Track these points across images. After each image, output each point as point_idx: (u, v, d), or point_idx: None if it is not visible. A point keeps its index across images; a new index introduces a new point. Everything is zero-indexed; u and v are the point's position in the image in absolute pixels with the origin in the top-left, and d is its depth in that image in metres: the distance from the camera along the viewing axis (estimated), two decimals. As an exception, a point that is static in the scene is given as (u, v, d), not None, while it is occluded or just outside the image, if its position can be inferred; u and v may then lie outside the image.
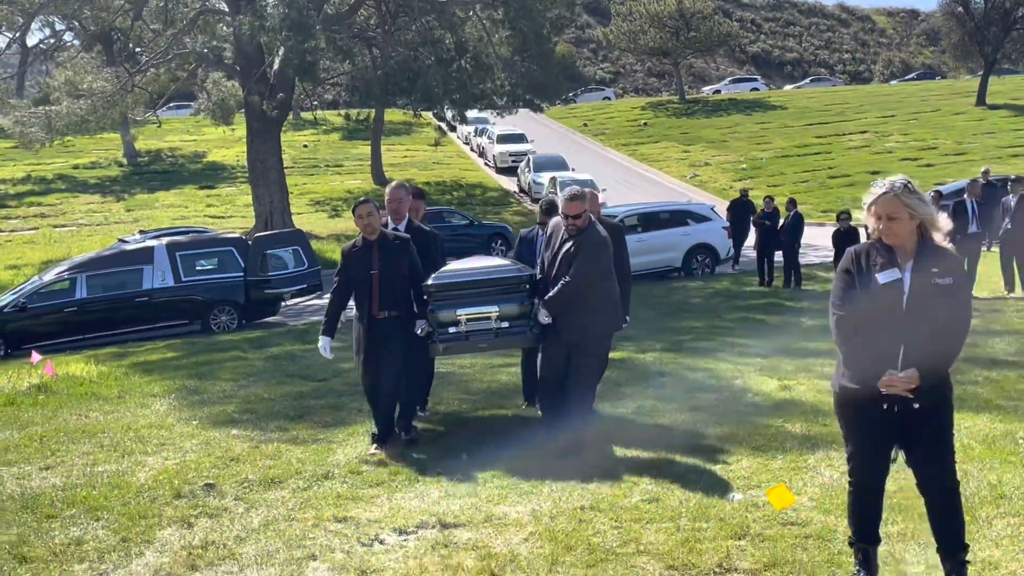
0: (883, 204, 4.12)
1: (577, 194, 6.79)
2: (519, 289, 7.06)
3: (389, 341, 6.88)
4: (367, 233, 6.98)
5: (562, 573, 4.38)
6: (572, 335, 6.79)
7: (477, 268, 7.23)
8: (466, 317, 6.95)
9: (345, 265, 7.05)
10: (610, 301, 6.95)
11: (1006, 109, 50.32)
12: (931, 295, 4.00)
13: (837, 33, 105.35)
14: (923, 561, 4.45)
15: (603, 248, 6.84)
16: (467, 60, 28.36)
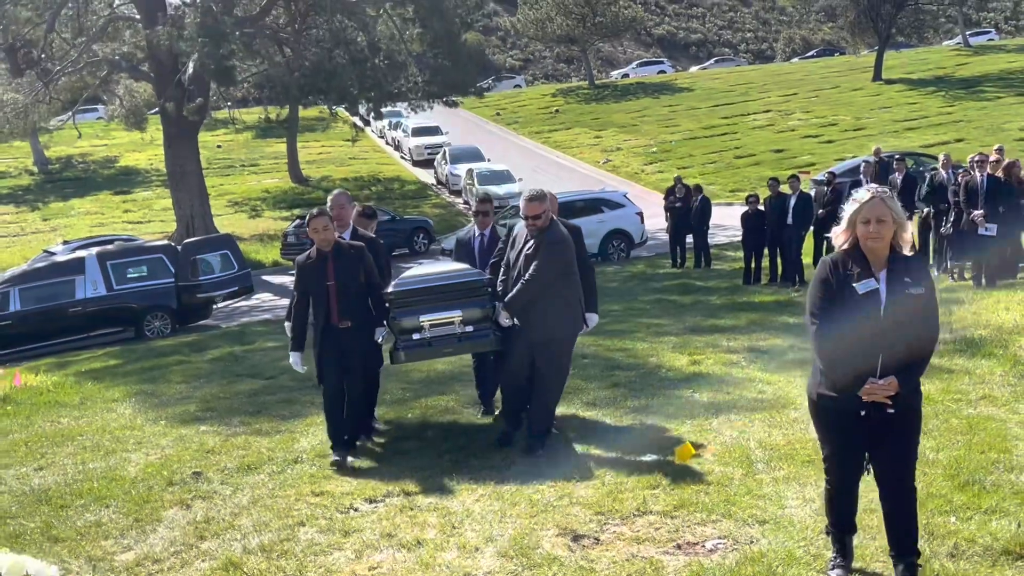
0: (872, 208, 4.20)
1: (536, 195, 6.81)
2: (481, 292, 7.04)
3: (350, 350, 6.90)
4: (321, 245, 6.93)
5: (510, 523, 5.28)
6: (535, 335, 6.76)
7: (438, 273, 7.20)
8: (429, 323, 6.92)
9: (301, 277, 7.04)
10: (573, 301, 6.90)
11: (901, 83, 52.42)
12: (906, 304, 4.13)
13: (739, 13, 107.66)
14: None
15: (563, 247, 6.81)
16: (381, 59, 29.00)
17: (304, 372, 7.25)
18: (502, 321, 6.94)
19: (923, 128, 40.59)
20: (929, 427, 6.63)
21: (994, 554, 4.47)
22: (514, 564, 4.72)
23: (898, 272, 4.21)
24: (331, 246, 6.95)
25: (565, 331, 6.91)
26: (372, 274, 7.10)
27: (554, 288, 6.73)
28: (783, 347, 10.54)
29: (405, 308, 6.99)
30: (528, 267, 6.76)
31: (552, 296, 6.73)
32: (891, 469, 4.32)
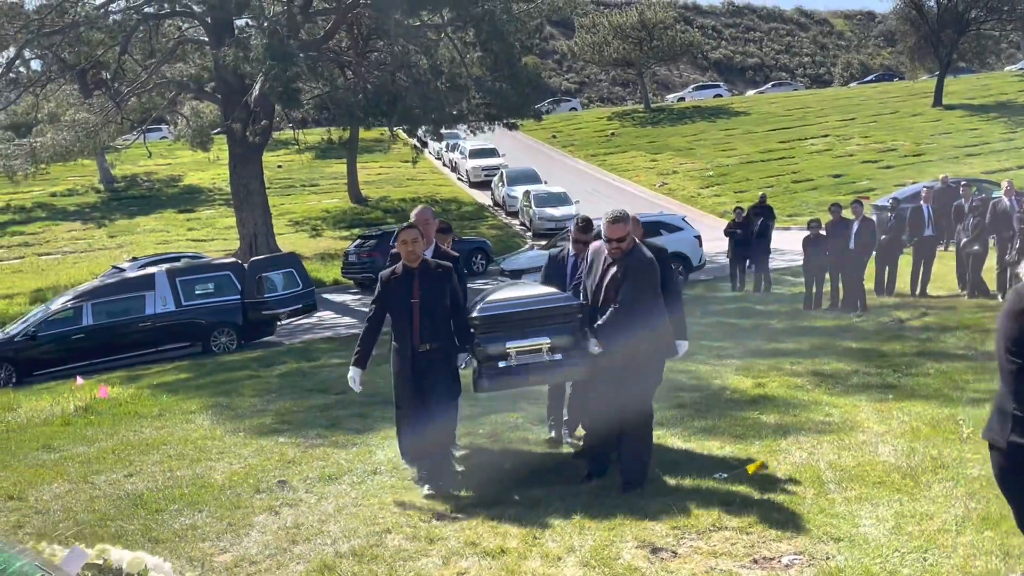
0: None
1: (620, 216, 6.45)
2: (571, 318, 6.64)
3: (433, 374, 6.54)
4: (409, 260, 6.58)
5: (589, 535, 5.44)
6: (626, 362, 6.39)
7: (525, 297, 6.81)
8: (516, 350, 6.53)
9: (383, 294, 6.69)
10: (660, 326, 6.55)
11: (961, 109, 51.92)
12: None
13: (796, 37, 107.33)
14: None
15: (651, 270, 6.47)
16: (443, 81, 29.42)
17: (360, 391, 6.92)
18: (591, 349, 6.52)
19: (985, 154, 40.16)
20: (999, 452, 6.70)
21: (1070, 575, 4.55)
22: (596, 573, 4.88)
23: None
24: (419, 262, 6.61)
25: (656, 359, 6.62)
26: (458, 296, 6.80)
27: (643, 314, 6.41)
28: (847, 371, 10.60)
29: (490, 334, 6.60)
30: (616, 292, 6.41)
31: (642, 323, 6.39)
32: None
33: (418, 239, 6.65)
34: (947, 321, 14.00)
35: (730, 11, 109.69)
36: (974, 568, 4.68)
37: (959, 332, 12.94)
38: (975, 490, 5.86)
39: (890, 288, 17.42)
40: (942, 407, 8.37)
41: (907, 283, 17.35)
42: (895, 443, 7.15)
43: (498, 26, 28.73)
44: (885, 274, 17.53)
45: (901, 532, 5.26)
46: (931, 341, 12.42)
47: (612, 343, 6.41)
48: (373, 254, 27.23)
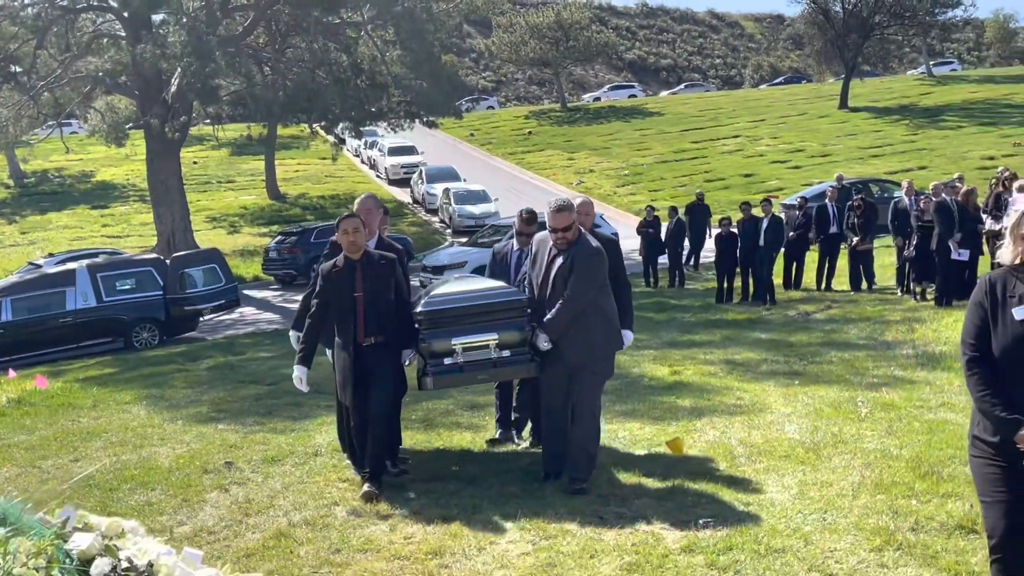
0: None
1: (564, 205, 6.28)
2: (519, 313, 6.42)
3: (378, 369, 6.32)
4: (351, 251, 6.31)
5: (525, 502, 5.90)
6: (577, 356, 6.25)
7: (472, 291, 6.56)
8: (462, 346, 6.30)
9: (324, 287, 6.36)
10: (611, 318, 6.40)
11: (866, 111, 53.66)
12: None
13: (708, 39, 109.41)
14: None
15: (598, 261, 6.28)
16: (363, 79, 29.66)
17: (307, 390, 6.64)
18: (540, 345, 6.30)
19: (887, 155, 41.66)
20: (894, 428, 7.36)
21: (949, 528, 5.14)
22: (532, 535, 5.34)
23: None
24: (361, 253, 6.34)
25: (607, 351, 6.44)
26: (402, 289, 6.55)
27: (595, 305, 6.25)
28: (757, 360, 11.25)
29: (436, 329, 6.35)
30: (563, 285, 6.21)
31: (592, 314, 6.24)
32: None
33: (359, 229, 6.35)
34: (850, 313, 14.82)
35: (644, 12, 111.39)
36: (867, 525, 5.24)
37: (861, 323, 13.73)
38: (870, 461, 6.47)
39: (797, 283, 18.24)
40: (843, 391, 9.02)
41: (813, 278, 18.19)
42: (800, 422, 7.75)
43: (418, 25, 29.08)
44: (793, 269, 18.35)
45: (804, 497, 5.83)
46: (835, 332, 13.18)
47: (561, 338, 6.24)
48: (294, 250, 27.37)
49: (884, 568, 4.71)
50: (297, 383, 6.52)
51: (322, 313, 6.43)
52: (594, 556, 4.99)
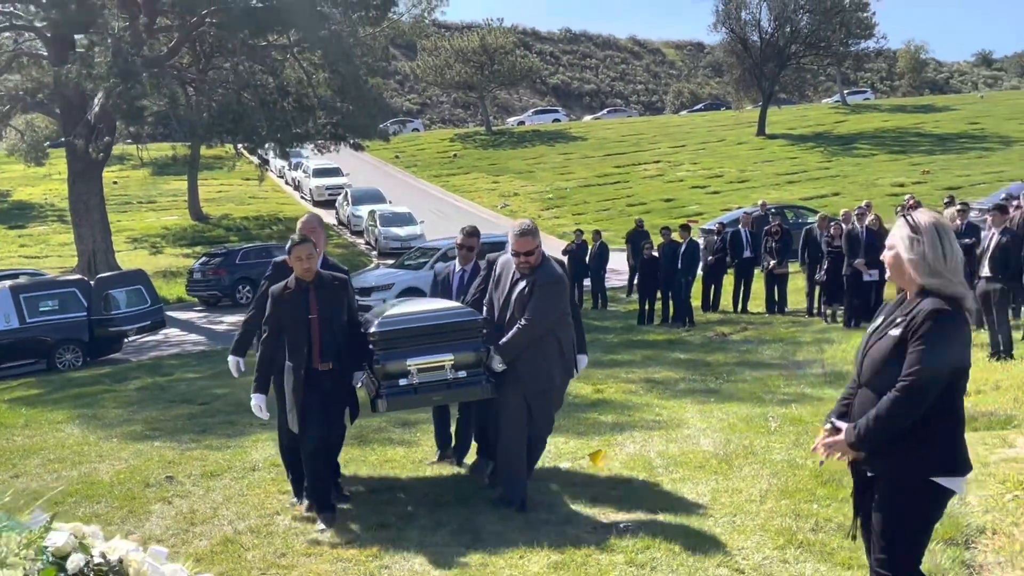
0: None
1: (528, 229, 6.26)
2: (476, 334, 6.36)
3: (334, 395, 6.26)
4: (304, 275, 6.22)
5: (458, 510, 6.26)
6: (532, 383, 6.28)
7: (428, 312, 6.52)
8: (417, 367, 6.22)
9: (276, 311, 6.26)
10: (567, 346, 6.45)
11: (783, 139, 55.23)
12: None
13: (631, 65, 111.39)
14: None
15: (559, 289, 6.33)
16: (289, 102, 29.82)
17: (267, 418, 6.52)
18: (495, 367, 6.29)
19: (803, 182, 43.02)
20: (800, 441, 7.87)
21: (845, 528, 5.61)
22: (465, 539, 5.71)
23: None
24: (313, 276, 6.27)
25: (561, 378, 6.48)
26: (354, 310, 6.53)
27: (552, 332, 6.29)
28: (676, 379, 11.77)
29: (390, 350, 6.25)
30: (522, 309, 6.23)
31: (550, 341, 6.28)
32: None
33: (313, 255, 6.26)
34: (764, 335, 15.47)
35: (567, 38, 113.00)
36: (771, 526, 5.72)
37: (774, 344, 14.38)
38: (777, 471, 6.96)
39: (715, 305, 18.91)
40: (755, 407, 9.55)
41: (730, 301, 18.87)
42: (714, 436, 8.24)
43: (345, 48, 29.38)
44: (711, 292, 19.02)
45: (716, 503, 6.29)
46: (749, 352, 13.78)
47: (519, 362, 6.24)
48: (219, 272, 27.41)
49: (786, 563, 5.18)
50: (257, 411, 6.39)
51: (276, 338, 6.30)
52: (523, 557, 5.37)
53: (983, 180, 38.20)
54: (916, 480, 3.67)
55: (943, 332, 3.57)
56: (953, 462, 3.69)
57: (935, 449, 3.67)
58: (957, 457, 3.70)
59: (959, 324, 3.63)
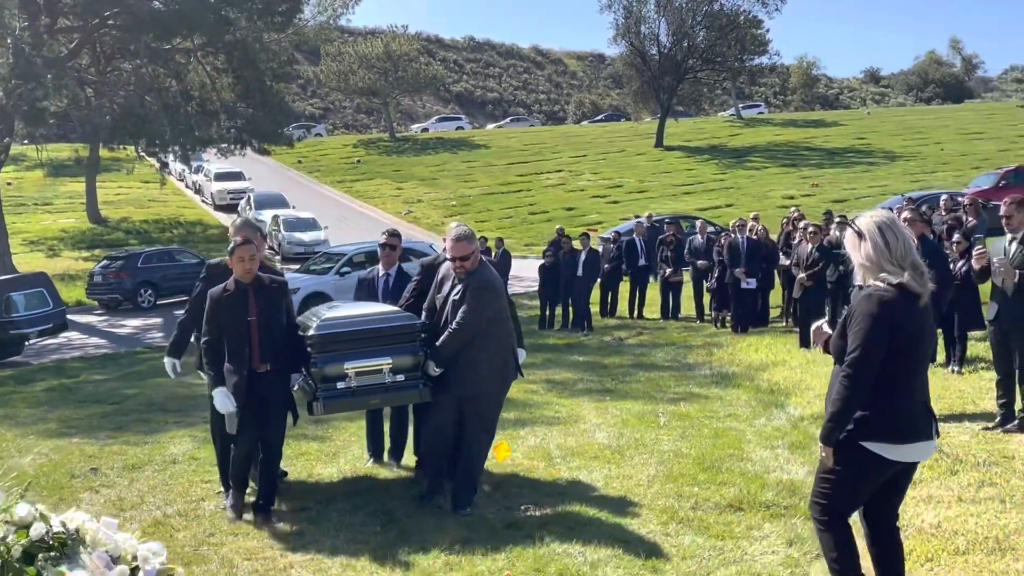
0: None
1: (464, 235, 6.41)
2: (414, 338, 6.49)
3: (273, 397, 6.34)
4: (244, 277, 6.27)
5: (380, 496, 6.78)
6: (464, 388, 6.39)
7: (366, 315, 6.58)
8: (355, 371, 6.30)
9: (216, 312, 6.30)
10: (504, 350, 6.55)
11: (680, 151, 56.74)
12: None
13: (533, 75, 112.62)
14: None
15: (492, 292, 6.44)
16: (193, 106, 29.84)
17: (235, 410, 6.33)
18: (430, 371, 6.43)
19: (699, 192, 44.38)
20: (687, 434, 8.58)
21: (721, 507, 6.32)
22: (381, 519, 6.24)
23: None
24: (252, 278, 6.34)
25: (496, 383, 6.57)
26: (292, 313, 6.66)
27: (484, 337, 6.38)
28: (574, 379, 12.43)
29: (328, 353, 6.34)
30: (456, 313, 6.36)
31: (483, 346, 6.37)
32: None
33: (255, 255, 6.36)
34: (658, 339, 16.27)
35: (471, 46, 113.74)
36: (656, 506, 6.38)
37: (667, 348, 15.15)
38: (664, 459, 7.64)
39: (612, 311, 19.70)
40: (647, 405, 10.25)
41: (627, 307, 19.67)
42: (608, 430, 8.90)
43: (250, 54, 29.55)
44: (608, 298, 19.80)
45: (608, 487, 6.93)
46: (644, 355, 14.53)
47: (452, 366, 6.38)
48: (120, 275, 27.26)
49: (667, 536, 5.83)
50: (223, 408, 6.32)
51: (218, 338, 6.33)
52: (436, 532, 5.93)
53: (868, 194, 39.91)
54: (851, 444, 4.15)
55: (870, 313, 4.05)
56: (887, 431, 4.15)
57: (872, 417, 4.13)
58: (894, 427, 4.14)
59: (890, 305, 4.07)
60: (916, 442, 4.18)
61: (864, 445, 4.13)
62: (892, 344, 4.06)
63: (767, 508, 6.25)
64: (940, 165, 47.52)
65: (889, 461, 4.15)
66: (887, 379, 4.11)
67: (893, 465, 4.19)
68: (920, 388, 4.26)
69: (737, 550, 5.52)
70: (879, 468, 4.18)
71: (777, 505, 6.30)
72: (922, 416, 4.23)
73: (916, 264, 4.14)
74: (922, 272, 4.15)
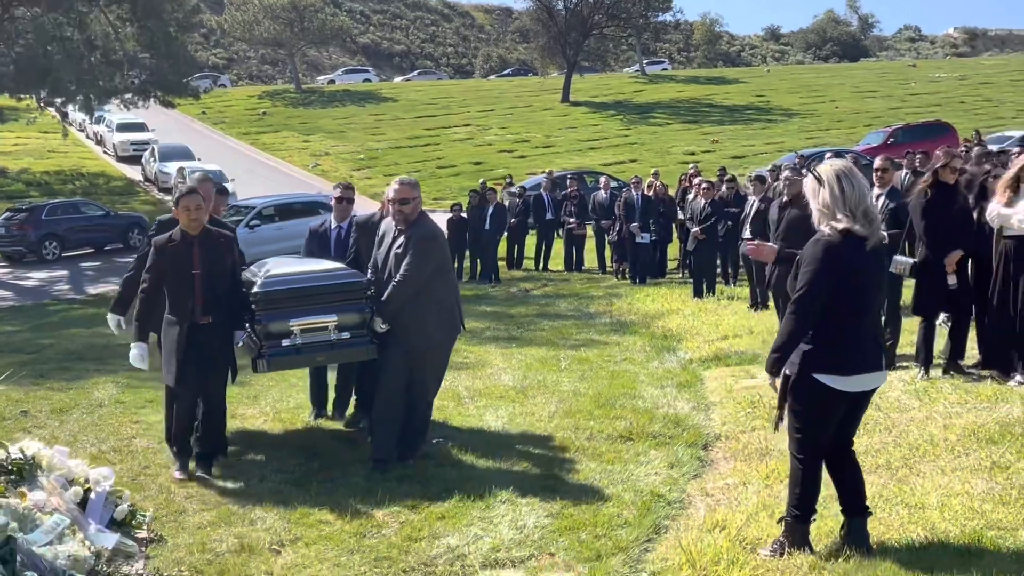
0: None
1: (409, 181, 6.41)
2: (360, 295, 6.45)
3: (213, 351, 6.29)
4: (191, 228, 6.21)
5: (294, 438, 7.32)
6: (412, 343, 6.36)
7: (311, 272, 6.54)
8: (300, 328, 6.25)
9: (159, 261, 6.24)
10: (450, 303, 6.55)
11: (586, 106, 57.46)
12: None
13: (441, 27, 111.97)
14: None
15: (434, 243, 6.41)
16: (97, 56, 29.42)
17: (146, 368, 6.53)
18: (377, 328, 6.39)
19: (604, 148, 45.19)
20: (586, 376, 9.28)
21: (614, 438, 7.03)
22: (307, 452, 6.79)
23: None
24: (200, 230, 6.27)
25: (444, 336, 6.58)
26: (237, 268, 6.58)
27: (429, 290, 6.35)
28: (482, 328, 13.05)
29: (273, 310, 6.27)
30: (399, 266, 6.31)
31: (427, 299, 6.33)
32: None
33: (201, 205, 6.27)
34: (562, 290, 17.01)
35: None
36: (556, 437, 7.07)
37: (570, 298, 15.90)
38: (564, 398, 8.34)
39: (519, 263, 20.38)
40: (550, 351, 10.94)
41: (532, 259, 20.37)
42: (513, 373, 9.57)
43: (154, 3, 29.22)
44: (515, 251, 20.46)
45: (512, 423, 7.58)
46: (548, 305, 15.24)
47: (395, 320, 6.34)
48: (24, 227, 26.90)
49: (564, 461, 6.52)
50: (136, 361, 6.38)
51: (156, 289, 6.28)
52: (352, 464, 6.51)
53: (765, 151, 41.23)
54: (804, 377, 4.52)
55: (818, 255, 4.41)
56: (834, 362, 4.50)
57: (820, 351, 4.49)
58: (839, 359, 4.50)
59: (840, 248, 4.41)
60: (863, 373, 4.54)
61: (816, 377, 4.49)
62: (837, 284, 4.41)
63: (654, 438, 6.96)
64: (835, 123, 49.17)
65: (839, 392, 4.51)
66: (834, 316, 4.46)
67: (844, 395, 4.54)
68: (869, 325, 4.61)
69: (625, 472, 6.22)
70: (833, 399, 4.53)
71: (663, 435, 7.02)
72: (871, 350, 4.58)
73: (868, 211, 4.46)
74: (872, 219, 4.46)
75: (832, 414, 4.61)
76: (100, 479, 4.98)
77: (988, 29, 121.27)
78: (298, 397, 8.52)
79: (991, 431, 6.18)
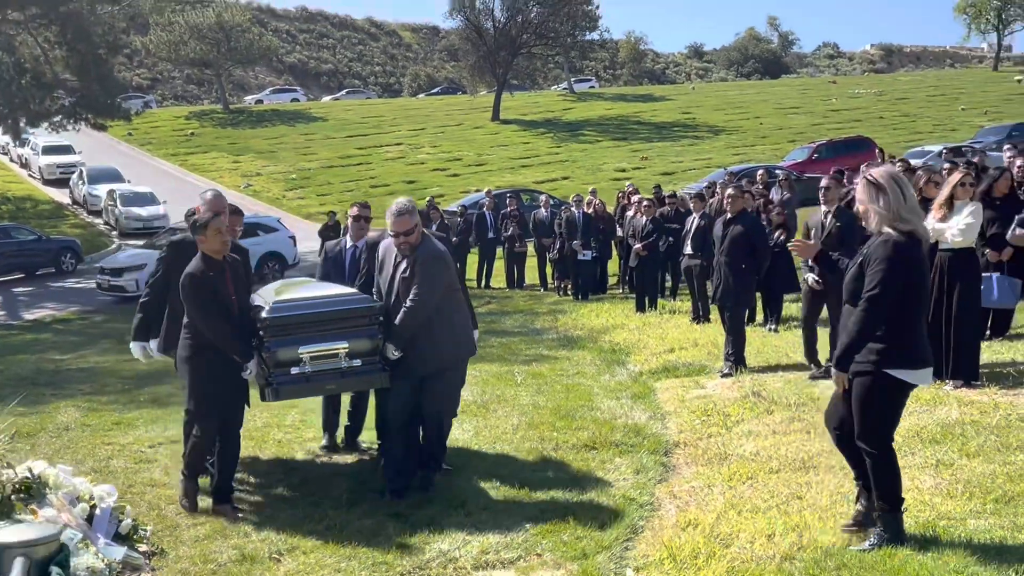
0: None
1: (404, 208, 6.15)
2: (371, 321, 6.21)
3: (239, 378, 6.10)
4: (222, 250, 5.95)
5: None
6: (424, 366, 6.20)
7: (321, 297, 6.28)
8: (310, 355, 6.01)
9: (214, 289, 5.93)
10: (461, 323, 6.43)
11: (516, 124, 58.01)
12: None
13: (368, 46, 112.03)
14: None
15: (441, 264, 6.24)
16: (27, 79, 29.11)
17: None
18: (389, 354, 6.20)
19: (536, 166, 45.71)
20: (542, 389, 9.63)
21: (578, 448, 7.36)
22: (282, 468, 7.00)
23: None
24: (224, 254, 6.03)
25: (458, 358, 6.48)
26: (250, 292, 6.38)
27: (441, 311, 6.21)
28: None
29: (282, 337, 6.02)
30: (408, 291, 6.16)
31: (440, 320, 6.20)
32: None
33: (227, 227, 6.10)
34: (506, 307, 17.35)
35: (303, 16, 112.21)
36: (523, 448, 7.40)
37: (515, 315, 16.24)
38: (525, 411, 8.66)
39: (461, 281, 20.62)
40: (503, 367, 11.26)
41: (475, 277, 20.66)
42: (472, 388, 9.78)
43: (84, 26, 29.02)
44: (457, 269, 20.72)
45: (478, 436, 7.88)
46: (494, 323, 15.54)
47: (409, 347, 6.17)
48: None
49: (536, 470, 6.84)
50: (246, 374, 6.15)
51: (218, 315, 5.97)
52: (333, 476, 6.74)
53: (694, 166, 42.12)
54: (878, 373, 4.70)
55: (890, 255, 4.60)
56: (905, 358, 4.74)
57: (892, 348, 4.69)
58: (910, 355, 4.74)
59: (908, 249, 4.64)
60: (927, 368, 4.82)
61: (889, 372, 4.69)
62: (907, 283, 4.62)
63: (616, 446, 7.31)
64: (759, 139, 50.33)
65: (910, 384, 4.79)
66: (903, 314, 4.68)
67: (912, 387, 4.82)
68: (925, 322, 4.89)
69: (594, 478, 6.55)
70: (904, 391, 4.80)
71: (625, 444, 7.37)
72: (928, 345, 4.88)
73: (920, 213, 4.76)
74: (923, 220, 4.74)
75: (902, 407, 4.86)
76: (104, 495, 5.17)
77: (904, 45, 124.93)
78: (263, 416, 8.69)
79: (933, 432, 6.64)
